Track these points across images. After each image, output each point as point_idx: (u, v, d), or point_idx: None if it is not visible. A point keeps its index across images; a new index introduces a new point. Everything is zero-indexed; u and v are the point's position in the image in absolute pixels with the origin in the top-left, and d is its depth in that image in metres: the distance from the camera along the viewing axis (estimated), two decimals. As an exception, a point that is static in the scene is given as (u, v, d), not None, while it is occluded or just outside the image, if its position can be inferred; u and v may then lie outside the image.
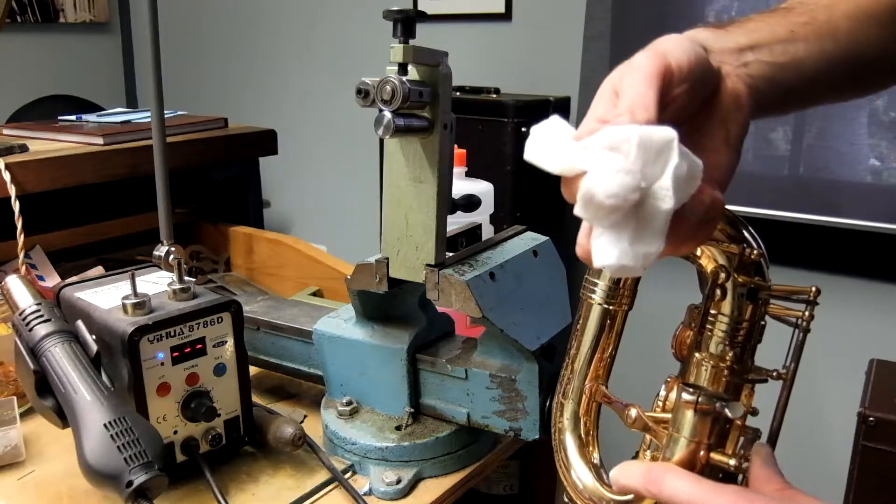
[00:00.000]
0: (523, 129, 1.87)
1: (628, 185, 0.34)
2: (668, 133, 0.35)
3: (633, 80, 0.40)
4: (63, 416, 0.58)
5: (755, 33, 0.47)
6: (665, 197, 0.35)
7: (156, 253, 0.95)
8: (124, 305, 0.64)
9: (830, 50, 0.49)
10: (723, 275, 0.45)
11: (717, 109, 0.44)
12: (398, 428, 0.71)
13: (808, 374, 1.59)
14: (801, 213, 1.78)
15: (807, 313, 0.45)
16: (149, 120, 1.09)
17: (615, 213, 0.35)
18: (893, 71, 0.54)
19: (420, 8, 1.55)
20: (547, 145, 0.38)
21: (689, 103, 0.42)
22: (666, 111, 0.40)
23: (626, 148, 0.35)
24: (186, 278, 0.69)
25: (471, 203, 0.70)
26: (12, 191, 0.95)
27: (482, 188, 0.98)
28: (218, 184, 1.30)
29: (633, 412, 0.46)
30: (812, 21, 0.49)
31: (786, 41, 0.48)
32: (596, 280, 0.50)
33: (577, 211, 0.36)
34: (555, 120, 0.39)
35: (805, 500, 0.39)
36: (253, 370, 0.78)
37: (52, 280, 1.02)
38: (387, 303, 0.73)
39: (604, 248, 0.36)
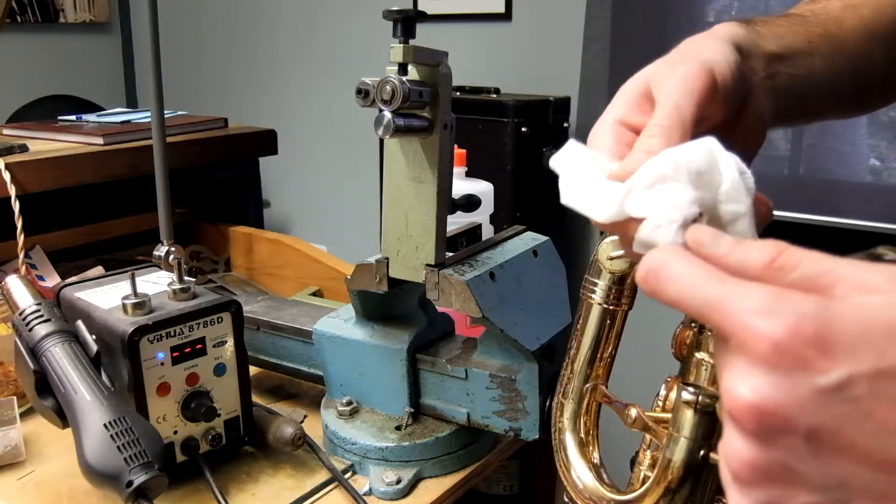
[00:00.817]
0: (523, 130, 1.87)
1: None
2: (706, 144, 0.34)
3: (674, 91, 0.38)
4: (63, 416, 0.58)
5: (782, 40, 0.46)
6: (738, 198, 0.34)
7: (156, 253, 0.95)
8: (124, 305, 0.64)
9: (839, 64, 0.49)
10: (723, 275, 0.45)
11: (740, 127, 0.42)
12: (398, 428, 0.71)
13: (808, 374, 1.58)
14: (801, 213, 1.78)
15: (807, 313, 0.45)
16: (149, 120, 1.09)
17: None
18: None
19: (420, 8, 1.55)
20: (582, 186, 0.37)
21: (722, 119, 0.41)
22: (698, 127, 0.39)
23: (675, 181, 0.34)
24: (186, 278, 0.69)
25: (471, 203, 0.70)
26: (12, 191, 0.95)
27: (482, 188, 0.98)
28: (218, 184, 1.30)
29: (633, 412, 0.46)
30: (826, 33, 0.49)
31: (805, 53, 0.47)
32: (596, 280, 0.50)
33: (637, 248, 0.35)
34: (573, 148, 0.38)
35: (813, 263, 0.30)
36: (253, 370, 0.78)
37: (52, 280, 1.02)
38: (387, 303, 0.73)
39: None
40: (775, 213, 0.39)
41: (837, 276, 0.28)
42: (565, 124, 2.04)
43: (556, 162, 0.38)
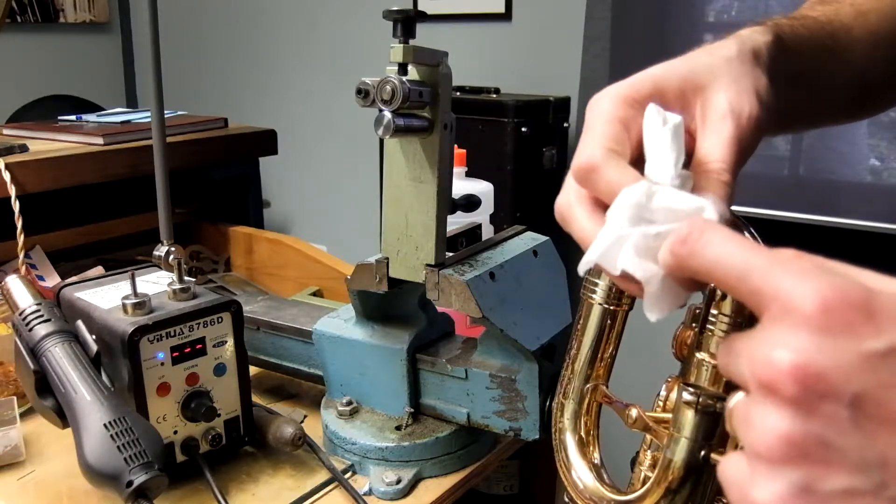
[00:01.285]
0: (523, 130, 1.87)
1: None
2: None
3: (733, 135, 0.38)
4: (63, 416, 0.58)
5: (802, 59, 0.45)
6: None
7: (156, 253, 0.95)
8: (124, 305, 0.64)
9: (843, 76, 0.48)
10: (723, 275, 0.45)
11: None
12: (398, 428, 0.71)
13: (808, 374, 1.57)
14: (801, 213, 1.78)
15: (807, 313, 0.45)
16: (149, 120, 1.09)
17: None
18: None
19: (420, 8, 1.55)
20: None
21: None
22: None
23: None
24: (186, 278, 0.69)
25: (471, 203, 0.70)
26: (12, 191, 0.95)
27: (482, 188, 0.98)
28: (218, 184, 1.30)
29: (634, 412, 0.46)
30: (836, 46, 0.48)
31: (815, 70, 0.46)
32: (596, 280, 0.50)
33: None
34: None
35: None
36: (253, 370, 0.78)
37: (52, 280, 1.02)
38: (387, 303, 0.73)
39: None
40: (775, 213, 0.39)
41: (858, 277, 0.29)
42: (565, 124, 2.04)
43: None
